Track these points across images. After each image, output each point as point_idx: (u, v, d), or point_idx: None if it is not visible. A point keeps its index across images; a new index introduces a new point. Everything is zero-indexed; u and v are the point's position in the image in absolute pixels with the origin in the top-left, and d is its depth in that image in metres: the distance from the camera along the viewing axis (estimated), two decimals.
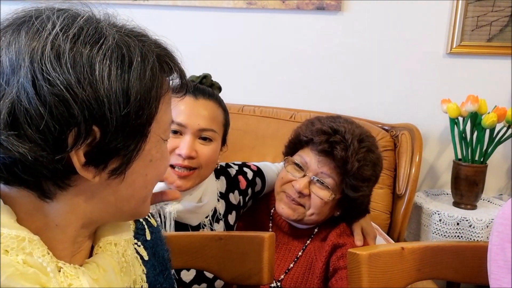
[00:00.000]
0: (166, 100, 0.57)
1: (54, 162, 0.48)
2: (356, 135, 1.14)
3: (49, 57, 0.47)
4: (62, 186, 0.51)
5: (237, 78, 2.03)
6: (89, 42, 0.49)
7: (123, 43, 0.51)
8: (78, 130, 0.48)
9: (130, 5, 2.03)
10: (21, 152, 0.46)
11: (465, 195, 1.76)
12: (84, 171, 0.50)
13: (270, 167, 1.39)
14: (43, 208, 0.52)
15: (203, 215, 1.17)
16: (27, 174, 0.48)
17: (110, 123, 0.49)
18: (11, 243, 0.49)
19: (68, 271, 0.53)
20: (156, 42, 0.56)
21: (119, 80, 0.49)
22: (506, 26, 1.84)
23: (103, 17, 0.54)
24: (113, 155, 0.51)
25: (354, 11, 1.93)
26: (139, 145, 0.53)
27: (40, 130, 0.47)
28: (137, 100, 0.50)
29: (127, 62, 0.50)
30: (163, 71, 0.55)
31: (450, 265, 0.98)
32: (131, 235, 0.65)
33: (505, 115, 1.70)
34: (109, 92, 0.48)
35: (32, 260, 0.49)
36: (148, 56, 0.52)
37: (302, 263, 1.21)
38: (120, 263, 0.60)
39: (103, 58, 0.49)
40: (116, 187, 0.54)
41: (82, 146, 0.49)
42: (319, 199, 1.15)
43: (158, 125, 0.55)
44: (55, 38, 0.48)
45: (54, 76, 0.46)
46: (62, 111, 0.47)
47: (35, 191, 0.50)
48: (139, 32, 0.55)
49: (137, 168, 0.55)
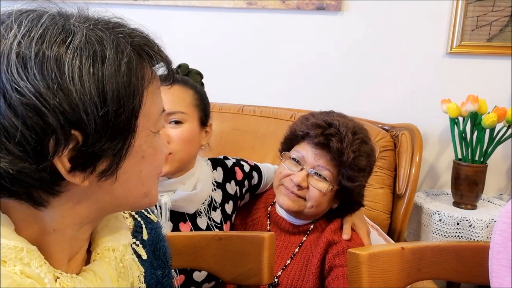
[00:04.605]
0: (152, 91, 0.54)
1: (38, 172, 0.46)
2: (349, 127, 1.18)
3: (15, 66, 0.44)
4: (53, 193, 0.50)
5: (237, 78, 2.03)
6: (55, 42, 0.46)
7: (95, 38, 0.48)
8: (57, 137, 0.46)
9: (130, 5, 2.03)
10: (1, 167, 0.45)
11: (465, 195, 1.76)
12: (71, 176, 0.48)
13: (269, 167, 1.42)
14: (38, 215, 0.51)
15: (199, 203, 1.20)
16: (16, 186, 0.47)
17: (89, 125, 0.46)
18: (9, 253, 0.48)
19: (64, 281, 0.52)
20: (134, 32, 0.52)
21: (91, 79, 0.46)
22: (506, 26, 1.84)
23: (75, 12, 0.51)
24: (100, 157, 0.49)
25: (354, 11, 1.93)
26: (127, 142, 0.51)
27: (17, 142, 0.45)
28: (114, 97, 0.48)
29: (100, 59, 0.47)
30: (143, 61, 0.52)
31: (450, 265, 0.98)
32: (129, 238, 0.64)
33: (505, 115, 1.70)
34: (82, 94, 0.46)
35: (30, 271, 0.49)
36: (122, 49, 0.49)
37: (299, 260, 1.23)
38: (118, 269, 0.60)
39: (71, 58, 0.46)
40: (109, 187, 0.53)
41: (65, 152, 0.47)
42: (317, 191, 1.17)
43: (146, 118, 0.53)
44: (19, 44, 0.45)
45: (22, 85, 0.44)
46: (36, 120, 0.45)
47: (27, 201, 0.49)
48: (115, 23, 0.52)
49: (129, 167, 0.53)
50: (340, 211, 1.25)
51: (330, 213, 1.26)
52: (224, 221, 1.25)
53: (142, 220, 0.72)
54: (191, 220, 1.19)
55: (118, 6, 1.99)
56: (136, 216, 0.71)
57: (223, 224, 1.25)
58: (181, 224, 1.18)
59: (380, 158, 1.74)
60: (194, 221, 1.19)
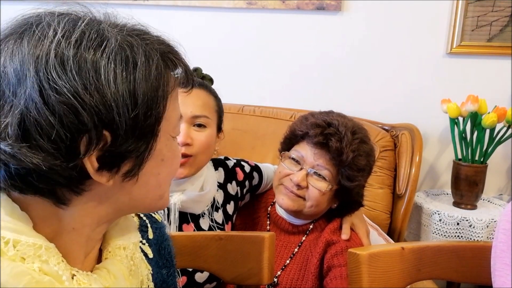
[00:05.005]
0: (174, 97, 0.56)
1: (68, 170, 0.48)
2: (349, 127, 1.18)
3: (54, 65, 0.46)
4: (77, 191, 0.51)
5: (237, 78, 2.03)
6: (92, 46, 0.48)
7: (126, 44, 0.50)
8: (89, 137, 0.47)
9: (130, 5, 2.03)
10: (34, 163, 0.46)
11: (465, 195, 1.76)
12: (98, 175, 0.50)
13: (269, 167, 1.42)
14: (58, 213, 0.52)
15: (206, 204, 1.21)
16: (42, 183, 0.48)
17: (120, 126, 0.48)
18: (28, 250, 0.49)
19: (81, 279, 0.53)
20: (159, 39, 0.55)
21: (125, 82, 0.49)
22: (506, 26, 1.84)
23: (103, 18, 0.53)
24: (125, 157, 0.51)
25: (354, 11, 1.93)
26: (150, 145, 0.53)
27: (52, 140, 0.46)
28: (144, 101, 0.50)
29: (132, 63, 0.50)
30: (168, 68, 0.55)
31: (450, 265, 0.98)
32: (138, 237, 0.66)
33: (505, 115, 1.70)
34: (116, 96, 0.48)
35: (48, 268, 0.50)
36: (152, 55, 0.52)
37: (298, 259, 1.23)
38: (128, 267, 0.61)
39: (107, 62, 0.48)
40: (130, 188, 0.54)
41: (94, 151, 0.48)
42: (317, 190, 1.18)
43: (167, 123, 0.55)
44: (57, 45, 0.47)
45: (60, 84, 0.46)
46: (72, 119, 0.46)
47: (50, 198, 0.50)
48: (141, 30, 0.54)
49: (149, 169, 0.55)
50: (340, 211, 1.25)
51: (330, 213, 1.26)
52: (226, 222, 1.25)
53: (147, 220, 0.73)
54: (194, 221, 1.19)
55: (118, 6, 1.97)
56: (141, 215, 0.72)
57: (225, 224, 1.25)
58: (184, 225, 1.18)
59: (380, 158, 1.74)
60: (197, 222, 1.19)
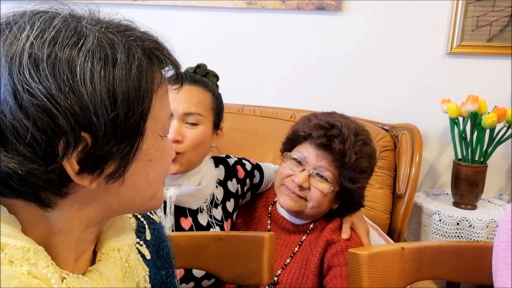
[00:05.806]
0: (161, 95, 0.54)
1: (47, 173, 0.47)
2: (352, 129, 1.18)
3: (27, 66, 0.45)
4: (60, 194, 0.50)
5: (237, 78, 2.02)
6: (68, 44, 0.46)
7: (107, 41, 0.48)
8: (67, 139, 0.46)
9: (130, 5, 2.03)
10: (11, 167, 0.45)
11: (465, 195, 1.76)
12: (79, 178, 0.49)
13: (270, 166, 1.43)
14: (45, 216, 0.51)
15: (202, 199, 1.21)
16: (24, 187, 0.47)
17: (99, 128, 0.47)
18: (16, 253, 0.48)
19: (71, 282, 0.52)
20: (144, 35, 0.52)
21: (102, 82, 0.46)
22: (506, 26, 1.84)
23: (86, 14, 0.51)
24: (108, 159, 0.49)
25: (354, 11, 1.93)
26: (135, 145, 0.51)
27: (27, 143, 0.45)
28: (125, 100, 0.48)
29: (111, 61, 0.47)
30: (153, 65, 0.52)
31: (450, 265, 0.98)
32: (134, 238, 0.64)
33: (505, 115, 1.70)
34: (93, 96, 0.46)
35: (37, 271, 0.49)
36: (133, 52, 0.49)
37: (298, 259, 1.23)
38: (123, 268, 0.60)
39: (83, 61, 0.46)
40: (116, 190, 0.53)
41: (74, 154, 0.47)
42: (318, 191, 1.18)
43: (154, 122, 0.53)
44: (31, 45, 0.45)
45: (34, 86, 0.44)
46: (47, 121, 0.45)
47: (35, 202, 0.49)
48: (126, 26, 0.52)
49: (136, 170, 0.53)
50: (340, 211, 1.25)
51: (330, 213, 1.26)
52: (225, 219, 1.25)
53: (145, 221, 0.72)
54: (192, 215, 1.20)
55: (118, 5, 1.98)
56: (139, 216, 0.71)
57: (224, 221, 1.25)
58: (182, 219, 1.19)
59: (380, 158, 1.73)
60: (195, 217, 1.20)
